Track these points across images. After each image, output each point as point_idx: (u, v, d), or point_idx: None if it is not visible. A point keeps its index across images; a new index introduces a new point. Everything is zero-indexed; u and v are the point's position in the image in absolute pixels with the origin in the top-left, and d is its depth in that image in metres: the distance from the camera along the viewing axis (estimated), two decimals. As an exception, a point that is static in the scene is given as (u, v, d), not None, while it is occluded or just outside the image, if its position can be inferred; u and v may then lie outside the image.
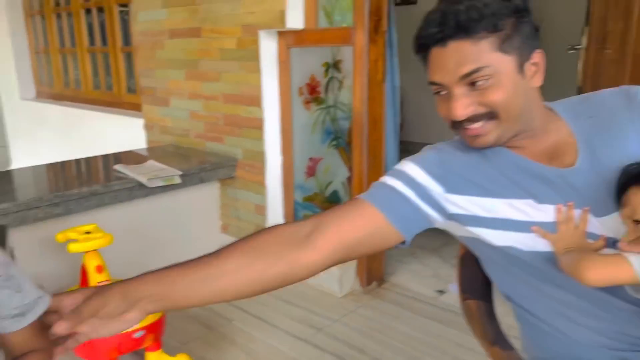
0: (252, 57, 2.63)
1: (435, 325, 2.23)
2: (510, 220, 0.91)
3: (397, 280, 2.68)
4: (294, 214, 2.84)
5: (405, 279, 2.70)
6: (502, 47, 0.85)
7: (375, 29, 2.28)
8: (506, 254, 0.92)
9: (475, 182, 0.94)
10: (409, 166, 0.98)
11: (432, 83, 0.90)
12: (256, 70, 2.63)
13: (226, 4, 2.68)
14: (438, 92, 0.91)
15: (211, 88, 2.90)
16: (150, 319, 1.75)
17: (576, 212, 0.88)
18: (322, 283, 2.57)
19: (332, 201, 2.65)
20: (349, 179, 2.55)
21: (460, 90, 0.87)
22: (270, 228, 0.93)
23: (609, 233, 0.87)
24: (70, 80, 4.63)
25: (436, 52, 0.88)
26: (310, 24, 2.47)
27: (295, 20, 2.44)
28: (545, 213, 0.89)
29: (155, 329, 1.79)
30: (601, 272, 0.78)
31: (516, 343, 1.01)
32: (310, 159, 2.70)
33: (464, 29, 0.84)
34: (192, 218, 2.85)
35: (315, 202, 2.73)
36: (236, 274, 0.87)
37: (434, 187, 0.95)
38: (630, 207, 0.82)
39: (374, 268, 2.61)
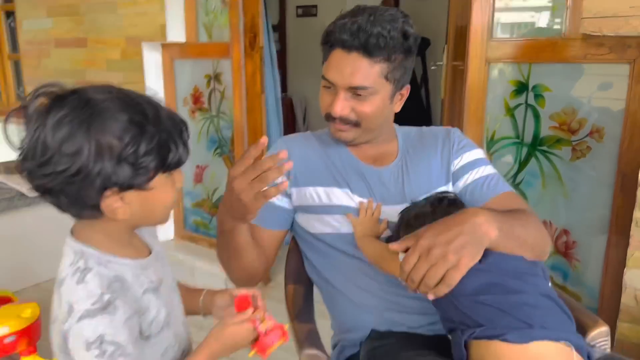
0: (137, 68, 2.71)
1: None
2: (329, 205, 1.14)
3: (281, 279, 2.84)
4: (183, 220, 2.93)
5: (290, 277, 2.86)
6: (387, 76, 1.07)
7: (250, 45, 2.44)
8: (320, 236, 1.15)
9: (311, 173, 1.16)
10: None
11: (325, 79, 1.09)
12: (141, 80, 2.71)
13: (109, 15, 2.75)
14: (326, 87, 1.10)
15: (98, 97, 2.94)
16: (22, 324, 1.80)
17: (374, 204, 1.12)
18: (212, 284, 2.69)
19: (218, 206, 2.78)
20: (233, 185, 2.69)
21: (344, 94, 1.07)
22: None
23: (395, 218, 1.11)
24: (-44, 86, 4.43)
25: (339, 54, 1.05)
26: (191, 38, 2.59)
27: (176, 33, 2.55)
28: (354, 201, 1.13)
29: (28, 334, 1.83)
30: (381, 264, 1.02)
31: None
32: (197, 166, 2.81)
33: (369, 50, 1.03)
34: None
35: (204, 207, 2.85)
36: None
37: (284, 179, 1.15)
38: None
39: (259, 268, 2.76)
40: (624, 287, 1.60)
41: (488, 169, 1.18)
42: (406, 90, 1.15)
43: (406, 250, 0.88)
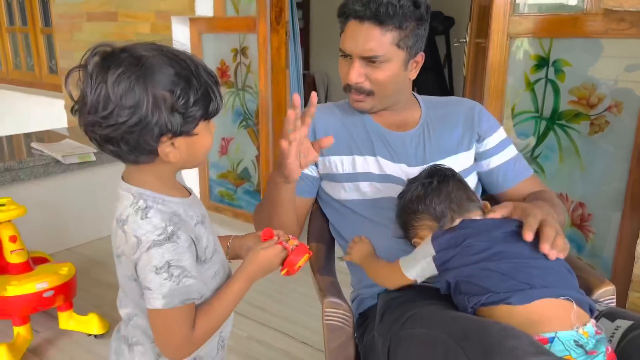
0: (166, 42, 2.77)
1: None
2: (353, 173, 1.21)
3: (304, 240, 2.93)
4: (209, 190, 3.04)
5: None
6: (399, 43, 1.13)
7: (276, 19, 2.50)
8: (345, 202, 1.23)
9: (336, 142, 1.21)
10: None
11: (342, 49, 1.17)
12: (170, 54, 2.79)
13: (140, -10, 2.83)
14: (343, 57, 1.18)
15: (128, 70, 3.04)
16: (59, 280, 1.92)
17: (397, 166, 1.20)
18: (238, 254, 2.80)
19: (243, 177, 2.88)
20: (257, 157, 2.78)
21: (359, 63, 1.14)
22: None
23: None
24: (-9, 60, 4.58)
25: (353, 24, 1.13)
26: (219, 12, 2.66)
27: (204, 8, 2.62)
28: (378, 166, 1.21)
29: (65, 290, 1.95)
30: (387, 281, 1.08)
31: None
32: (223, 138, 2.90)
33: (380, 19, 1.10)
34: (108, 195, 2.98)
35: (229, 179, 2.95)
36: None
37: None
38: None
39: (281, 238, 2.86)
40: (637, 258, 1.65)
41: (513, 149, 1.28)
42: (420, 58, 1.21)
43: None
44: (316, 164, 1.26)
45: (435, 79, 4.71)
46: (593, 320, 0.87)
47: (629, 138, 1.71)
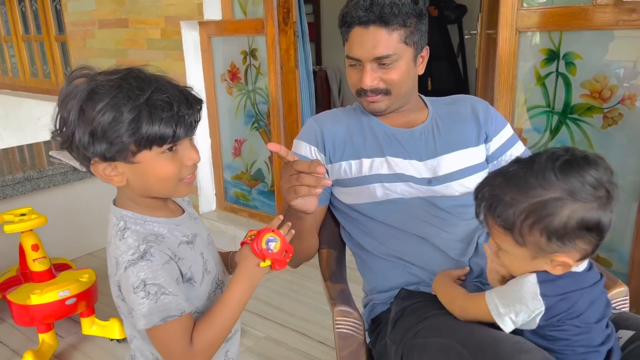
0: (177, 47, 2.82)
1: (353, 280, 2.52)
2: (361, 177, 1.21)
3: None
4: (224, 192, 3.07)
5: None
6: (406, 40, 1.14)
7: (284, 20, 2.50)
8: (354, 206, 1.23)
9: (343, 148, 1.23)
10: (298, 146, 1.28)
11: (350, 57, 1.17)
12: (181, 58, 2.82)
13: (149, -4, 2.85)
14: (352, 65, 1.19)
15: (141, 76, 3.07)
16: (81, 287, 1.96)
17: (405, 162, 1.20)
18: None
19: (257, 178, 2.90)
20: (270, 158, 2.79)
21: (370, 66, 1.14)
22: None
23: (429, 173, 1.20)
24: (8, 68, 4.67)
25: (358, 31, 1.13)
26: (227, 15, 2.67)
27: (212, 11, 2.64)
28: (386, 166, 1.20)
29: (86, 297, 2.00)
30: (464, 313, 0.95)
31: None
32: (236, 140, 2.92)
33: (385, 20, 1.11)
34: (127, 199, 3.04)
35: (243, 180, 2.97)
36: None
37: (320, 158, 1.25)
38: (493, 240, 0.88)
39: (297, 237, 2.88)
40: (654, 252, 1.63)
41: (520, 146, 1.27)
42: (426, 52, 1.22)
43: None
44: (327, 171, 1.27)
45: (449, 69, 4.66)
46: None
47: (643, 130, 1.68)
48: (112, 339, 2.10)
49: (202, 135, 2.97)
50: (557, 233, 0.78)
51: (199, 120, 0.84)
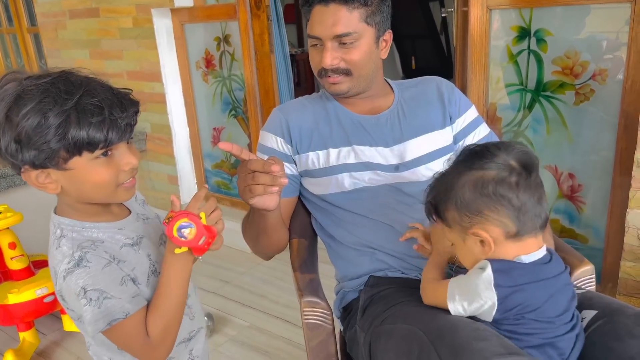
0: (149, 35, 2.76)
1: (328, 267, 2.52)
2: (328, 167, 1.20)
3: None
4: (205, 181, 3.04)
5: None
6: (367, 20, 1.13)
7: (256, 5, 2.45)
8: (323, 196, 1.22)
9: (309, 139, 1.22)
10: (264, 137, 1.26)
11: (311, 36, 1.16)
12: (154, 47, 2.77)
13: (118, -16, 2.78)
14: (314, 45, 1.17)
15: (114, 66, 3.02)
16: (59, 285, 1.95)
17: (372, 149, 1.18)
18: (236, 242, 2.81)
19: (237, 167, 2.87)
20: (249, 145, 2.77)
21: (331, 45, 1.13)
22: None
23: (396, 159, 1.19)
24: (-18, 62, 4.57)
25: (319, 9, 1.12)
26: (199, 1, 2.62)
27: (183, -2, 2.58)
28: (356, 154, 1.19)
29: (65, 293, 1.99)
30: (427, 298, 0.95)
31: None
32: (214, 128, 2.89)
33: None
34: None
35: (223, 168, 2.95)
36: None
37: (287, 149, 1.23)
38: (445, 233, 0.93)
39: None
40: (627, 227, 1.63)
41: (485, 128, 1.27)
42: (389, 36, 1.20)
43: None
44: (294, 162, 1.25)
45: (433, 47, 4.62)
46: None
47: (615, 105, 1.68)
48: (94, 334, 2.10)
49: (179, 124, 2.93)
50: (462, 203, 0.84)
51: (135, 123, 0.81)
